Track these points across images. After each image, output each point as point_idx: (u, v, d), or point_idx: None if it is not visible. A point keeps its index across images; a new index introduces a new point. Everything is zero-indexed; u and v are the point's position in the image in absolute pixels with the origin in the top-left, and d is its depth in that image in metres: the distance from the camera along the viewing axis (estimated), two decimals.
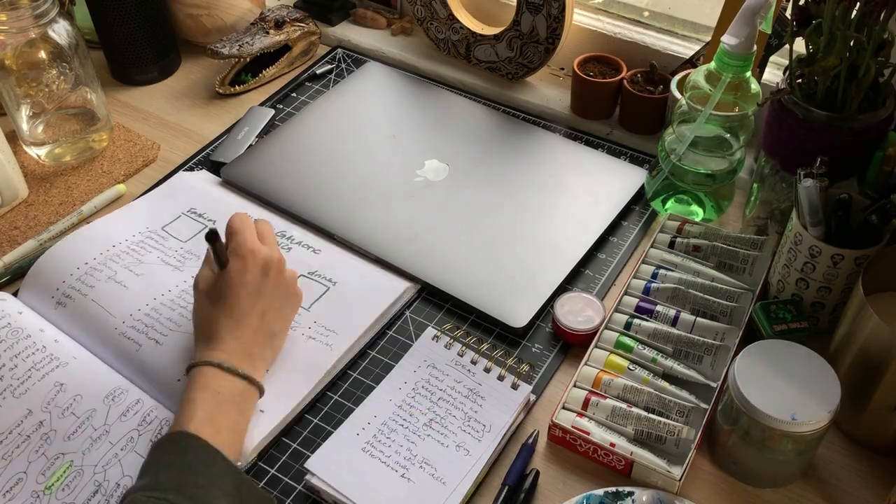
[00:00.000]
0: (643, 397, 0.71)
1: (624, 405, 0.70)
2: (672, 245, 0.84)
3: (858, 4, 0.69)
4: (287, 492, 0.69)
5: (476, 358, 0.76)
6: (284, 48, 1.12)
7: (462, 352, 0.76)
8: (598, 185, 0.93)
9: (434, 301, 0.84)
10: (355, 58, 1.16)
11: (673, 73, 0.97)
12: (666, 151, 0.86)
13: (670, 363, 0.74)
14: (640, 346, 0.75)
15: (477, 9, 1.13)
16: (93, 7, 1.06)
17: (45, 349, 0.75)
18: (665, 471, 0.66)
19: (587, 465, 0.70)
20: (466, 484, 0.67)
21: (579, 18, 1.07)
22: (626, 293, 0.80)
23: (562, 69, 1.11)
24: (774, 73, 0.95)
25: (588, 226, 0.89)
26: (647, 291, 0.80)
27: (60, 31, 0.93)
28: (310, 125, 1.02)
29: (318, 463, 0.69)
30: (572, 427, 0.69)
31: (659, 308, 0.78)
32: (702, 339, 0.75)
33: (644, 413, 0.69)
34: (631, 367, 0.73)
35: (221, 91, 1.10)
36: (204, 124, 1.06)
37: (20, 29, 0.90)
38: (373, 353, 0.79)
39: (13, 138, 0.99)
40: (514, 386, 0.73)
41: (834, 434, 0.72)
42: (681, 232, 0.85)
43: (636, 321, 0.77)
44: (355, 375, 0.77)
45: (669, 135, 0.87)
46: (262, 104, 1.08)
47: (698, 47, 1.00)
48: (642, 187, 0.93)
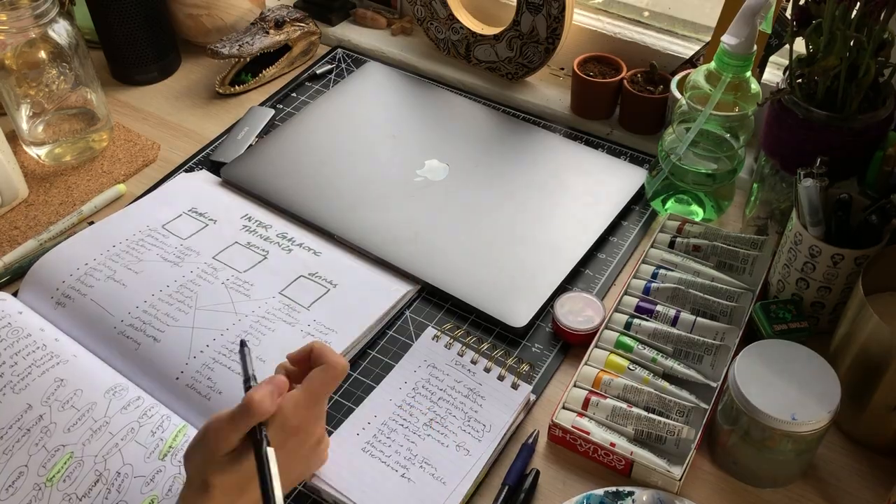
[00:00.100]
0: (643, 397, 0.71)
1: (624, 405, 0.70)
2: (672, 245, 0.84)
3: (858, 4, 0.69)
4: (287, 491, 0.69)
5: (476, 358, 0.76)
6: (284, 48, 1.12)
7: (462, 351, 0.76)
8: (598, 185, 0.93)
9: (434, 301, 0.84)
10: (355, 58, 1.16)
11: (673, 73, 0.97)
12: (666, 151, 0.86)
13: (670, 363, 0.74)
14: (640, 346, 0.75)
15: (477, 9, 1.13)
16: (93, 7, 1.06)
17: (46, 347, 0.75)
18: (665, 471, 0.66)
19: (587, 465, 0.70)
20: (466, 484, 0.67)
21: (579, 18, 1.07)
22: (626, 293, 0.80)
23: (562, 69, 1.11)
24: (774, 73, 0.95)
25: (588, 226, 0.89)
26: (647, 291, 0.80)
27: (60, 31, 0.93)
28: (310, 125, 1.02)
29: None
30: (572, 427, 0.69)
31: (659, 308, 0.78)
32: (702, 339, 0.75)
33: (644, 413, 0.69)
34: (631, 367, 0.73)
35: (221, 91, 1.10)
36: (204, 124, 1.06)
37: (20, 29, 0.90)
38: (373, 353, 0.79)
39: (13, 138, 0.99)
40: (514, 386, 0.73)
41: (834, 434, 0.72)
42: (681, 232, 0.85)
43: (636, 321, 0.77)
44: (355, 375, 0.77)
45: (669, 135, 0.87)
46: (262, 104, 1.08)
47: (698, 47, 1.00)
48: (642, 187, 0.93)
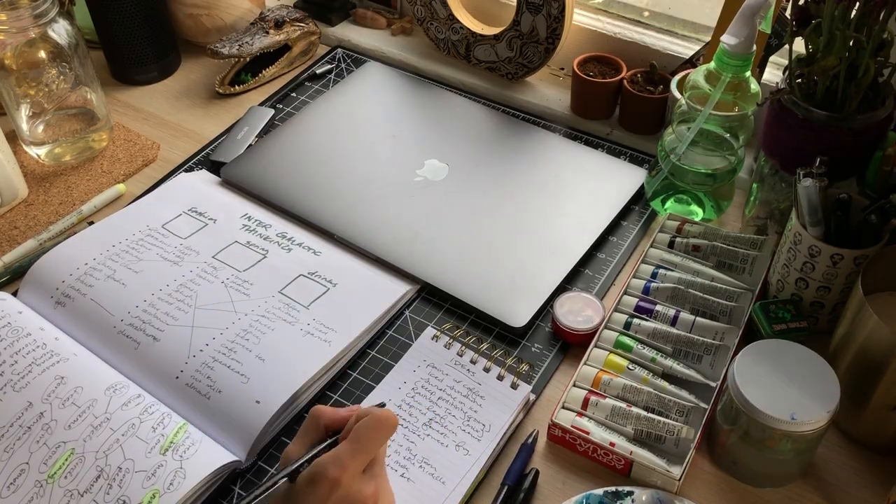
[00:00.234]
0: (643, 397, 0.71)
1: (623, 405, 0.70)
2: (672, 245, 0.84)
3: (858, 4, 0.69)
4: None
5: (476, 357, 0.76)
6: (284, 48, 1.12)
7: (462, 351, 0.76)
8: (598, 185, 0.93)
9: (434, 301, 0.84)
10: (355, 58, 1.16)
11: (673, 73, 0.97)
12: (666, 151, 0.86)
13: (670, 363, 0.74)
14: (640, 346, 0.75)
15: (477, 9, 1.13)
16: (93, 7, 1.06)
17: (46, 346, 0.75)
18: (664, 470, 0.66)
19: (587, 465, 0.70)
20: (466, 483, 0.67)
21: (579, 18, 1.07)
22: (626, 293, 0.80)
23: (562, 69, 1.11)
24: (774, 73, 0.95)
25: (588, 225, 0.89)
26: (647, 291, 0.80)
27: (60, 31, 0.93)
28: (310, 125, 1.02)
29: None
30: (572, 427, 0.69)
31: (658, 308, 0.78)
32: (701, 339, 0.75)
33: (643, 413, 0.69)
34: (630, 367, 0.73)
35: (221, 91, 1.10)
36: (204, 124, 1.06)
37: (20, 29, 0.90)
38: (372, 353, 0.79)
39: (13, 138, 0.99)
40: (514, 385, 0.73)
41: (833, 434, 0.72)
42: (680, 232, 0.85)
43: (636, 321, 0.77)
44: (355, 375, 0.77)
45: (669, 135, 0.87)
46: (262, 104, 1.08)
47: (698, 47, 1.00)
48: (642, 187, 0.93)
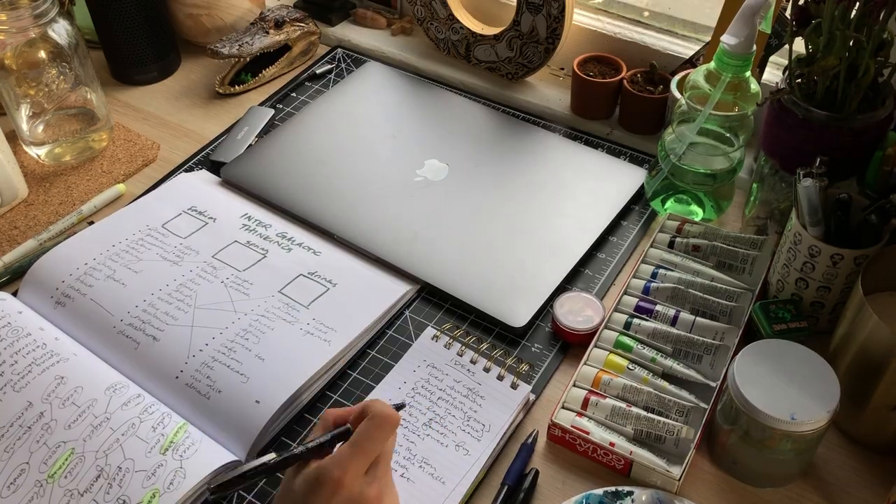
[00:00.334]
0: (643, 397, 0.71)
1: (623, 405, 0.70)
2: (672, 245, 0.84)
3: (858, 4, 0.69)
4: None
5: (476, 357, 0.76)
6: (284, 48, 1.12)
7: (461, 351, 0.76)
8: (598, 185, 0.93)
9: (434, 301, 0.84)
10: (355, 58, 1.16)
11: (673, 73, 0.97)
12: (666, 151, 0.86)
13: (670, 363, 0.74)
14: (640, 346, 0.75)
15: (477, 9, 1.13)
16: (93, 7, 1.06)
17: (46, 346, 0.75)
18: (664, 470, 0.66)
19: (586, 465, 0.70)
20: (466, 483, 0.67)
21: (579, 18, 1.07)
22: (626, 293, 0.80)
23: (562, 69, 1.11)
24: (774, 73, 0.95)
25: (588, 225, 0.89)
26: (647, 291, 0.80)
27: (60, 31, 0.93)
28: (310, 125, 1.02)
29: None
30: (572, 427, 0.69)
31: (658, 308, 0.78)
32: (701, 339, 0.75)
33: (643, 413, 0.69)
34: (630, 367, 0.73)
35: (221, 91, 1.10)
36: (204, 124, 1.06)
37: (20, 29, 0.90)
38: (372, 353, 0.79)
39: (13, 138, 0.99)
40: (514, 385, 0.73)
41: (833, 434, 0.72)
42: (680, 232, 0.85)
43: (636, 321, 0.77)
44: (355, 375, 0.77)
45: (669, 135, 0.87)
46: (262, 104, 1.08)
47: (698, 47, 1.00)
48: (642, 187, 0.93)
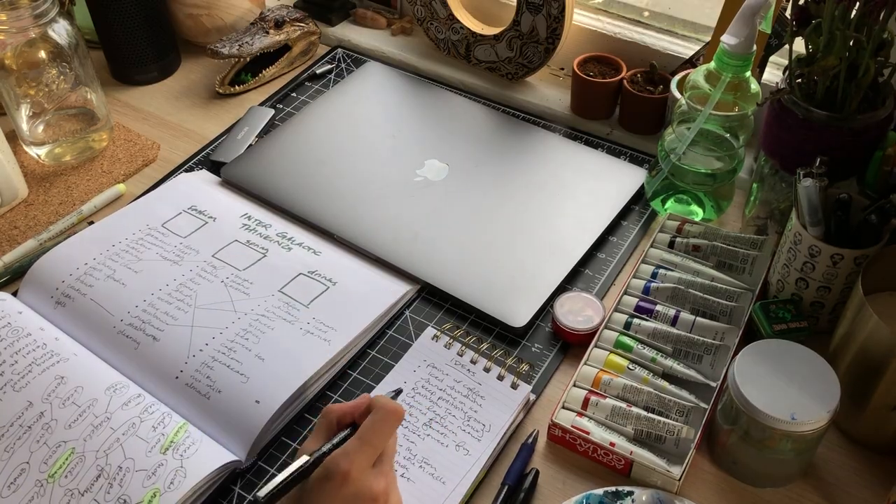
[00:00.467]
0: (643, 397, 0.71)
1: (623, 405, 0.70)
2: (672, 245, 0.84)
3: (858, 4, 0.69)
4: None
5: (476, 357, 0.76)
6: (284, 48, 1.12)
7: (462, 351, 0.76)
8: (598, 185, 0.93)
9: (434, 301, 0.84)
10: (355, 58, 1.16)
11: (673, 73, 0.97)
12: (666, 151, 0.86)
13: (670, 363, 0.74)
14: (640, 346, 0.75)
15: (477, 9, 1.13)
16: (93, 7, 1.06)
17: (46, 346, 0.75)
18: (665, 470, 0.66)
19: (587, 465, 0.70)
20: (466, 483, 0.67)
21: (579, 18, 1.07)
22: (626, 293, 0.80)
23: (562, 69, 1.11)
24: (774, 73, 0.95)
25: (588, 225, 0.89)
26: (647, 291, 0.80)
27: (60, 31, 0.93)
28: (310, 125, 1.02)
29: None
30: (572, 427, 0.69)
31: (658, 308, 0.78)
32: (701, 339, 0.75)
33: (644, 413, 0.69)
34: (631, 367, 0.73)
35: (221, 91, 1.10)
36: (204, 124, 1.06)
37: (20, 29, 0.90)
38: (372, 353, 0.79)
39: (13, 138, 0.99)
40: (514, 385, 0.73)
41: (833, 434, 0.72)
42: (680, 232, 0.85)
43: (636, 321, 0.77)
44: (355, 375, 0.77)
45: (669, 135, 0.87)
46: (262, 104, 1.08)
47: (698, 47, 1.00)
48: (642, 187, 0.93)
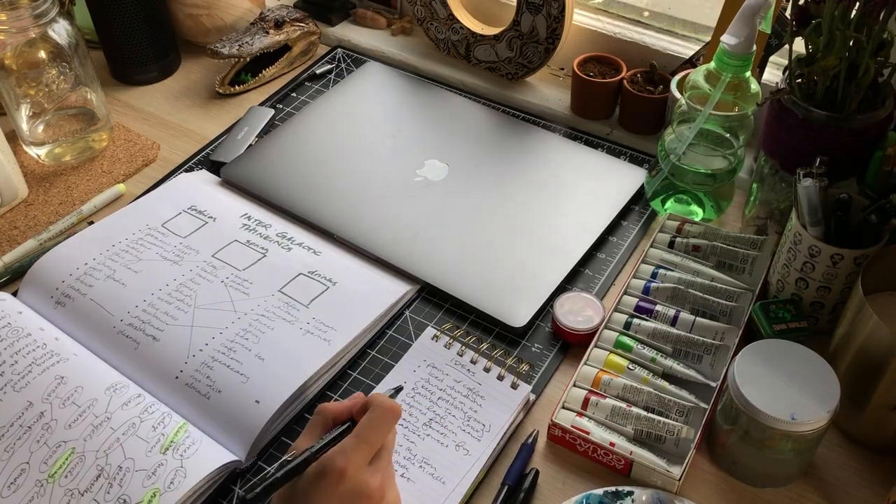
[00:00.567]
0: (643, 397, 0.71)
1: (623, 405, 0.70)
2: (672, 245, 0.84)
3: (858, 4, 0.69)
4: None
5: (476, 357, 0.76)
6: (284, 48, 1.12)
7: (462, 351, 0.76)
8: (598, 185, 0.93)
9: (434, 301, 0.84)
10: (355, 58, 1.16)
11: (673, 73, 0.97)
12: (666, 151, 0.86)
13: (670, 363, 0.74)
14: (640, 346, 0.75)
15: (477, 9, 1.13)
16: (93, 7, 1.06)
17: (46, 346, 0.75)
18: (664, 470, 0.66)
19: (587, 465, 0.70)
20: (466, 483, 0.67)
21: (579, 18, 1.07)
22: (626, 293, 0.80)
23: (562, 69, 1.11)
24: (774, 73, 0.95)
25: (588, 225, 0.89)
26: (647, 291, 0.80)
27: (60, 31, 0.93)
28: (310, 125, 1.02)
29: None
30: (572, 427, 0.69)
31: (658, 308, 0.78)
32: (701, 339, 0.75)
33: (644, 413, 0.69)
34: (630, 367, 0.73)
35: (221, 91, 1.10)
36: (204, 124, 1.06)
37: (20, 29, 0.90)
38: (372, 353, 0.79)
39: (13, 138, 0.99)
40: (514, 385, 0.73)
41: (833, 434, 0.72)
42: (680, 232, 0.85)
43: (636, 321, 0.77)
44: (355, 375, 0.77)
45: (669, 135, 0.87)
46: (262, 104, 1.08)
47: (698, 47, 1.00)
48: (642, 187, 0.93)
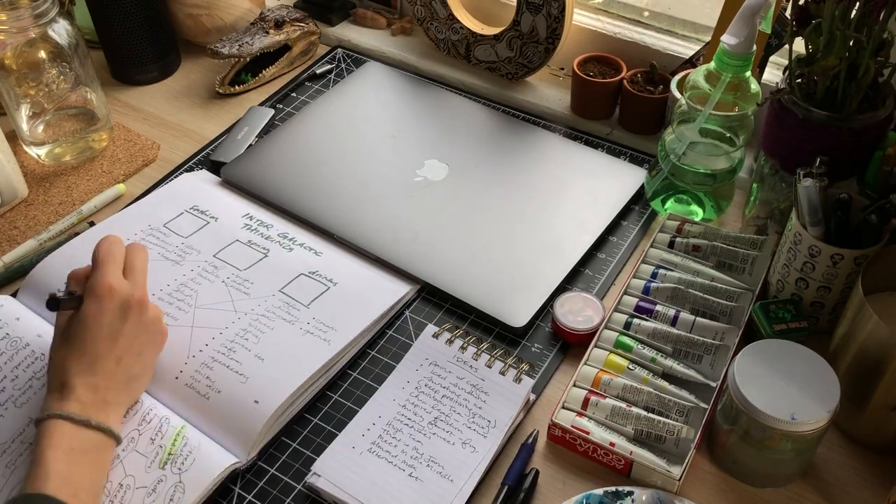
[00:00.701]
0: (643, 397, 0.71)
1: (623, 405, 0.70)
2: (672, 245, 0.84)
3: (858, 4, 0.69)
4: (286, 491, 0.69)
5: (477, 354, 0.76)
6: (284, 48, 1.12)
7: (464, 347, 0.76)
8: (598, 185, 0.93)
9: (434, 301, 0.84)
10: (355, 58, 1.16)
11: (673, 73, 0.97)
12: (666, 151, 0.86)
13: (670, 363, 0.74)
14: (640, 346, 0.75)
15: (477, 9, 1.13)
16: (93, 7, 1.06)
17: (44, 357, 0.75)
18: (664, 470, 0.66)
19: (587, 465, 0.70)
20: (474, 481, 0.67)
21: (579, 18, 1.07)
22: (626, 293, 0.80)
23: (562, 69, 1.11)
24: (774, 73, 0.95)
25: (588, 225, 0.89)
26: (647, 291, 0.80)
27: (60, 31, 0.93)
28: (310, 125, 1.02)
29: (325, 465, 0.68)
30: (572, 427, 0.69)
31: (658, 308, 0.78)
32: (701, 339, 0.75)
33: (644, 413, 0.69)
34: (630, 367, 0.73)
35: (221, 91, 1.10)
36: (204, 124, 1.06)
37: (20, 29, 0.90)
38: (372, 353, 0.79)
39: (13, 138, 0.99)
40: (517, 380, 0.73)
41: (833, 434, 0.72)
42: (680, 232, 0.86)
43: (636, 321, 0.77)
44: (355, 375, 0.77)
45: (669, 135, 0.87)
46: (262, 104, 1.08)
47: (698, 47, 1.01)
48: (642, 187, 0.93)
